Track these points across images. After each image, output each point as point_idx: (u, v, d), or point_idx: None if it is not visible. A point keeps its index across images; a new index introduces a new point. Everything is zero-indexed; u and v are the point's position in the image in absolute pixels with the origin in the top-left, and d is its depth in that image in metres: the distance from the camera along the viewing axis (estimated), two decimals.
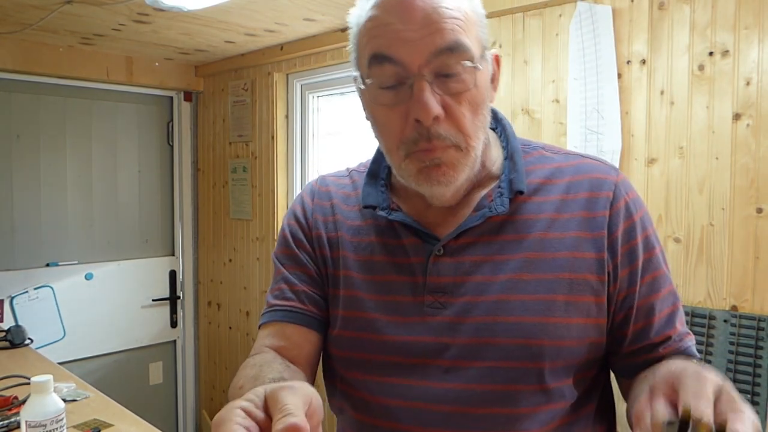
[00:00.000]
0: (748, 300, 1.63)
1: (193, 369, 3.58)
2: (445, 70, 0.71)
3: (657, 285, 0.79)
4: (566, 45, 1.96)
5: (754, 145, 1.61)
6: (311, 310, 0.85)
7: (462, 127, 0.73)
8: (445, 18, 0.70)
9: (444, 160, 0.73)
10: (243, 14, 2.33)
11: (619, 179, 0.80)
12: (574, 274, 0.76)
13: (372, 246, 0.83)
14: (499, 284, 0.76)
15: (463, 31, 0.71)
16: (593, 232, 0.77)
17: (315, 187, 0.94)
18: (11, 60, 2.74)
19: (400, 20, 0.70)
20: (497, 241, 0.78)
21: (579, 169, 0.81)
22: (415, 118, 0.71)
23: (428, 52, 0.69)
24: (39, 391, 1.18)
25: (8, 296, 2.87)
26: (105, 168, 3.21)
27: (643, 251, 0.78)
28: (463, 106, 0.72)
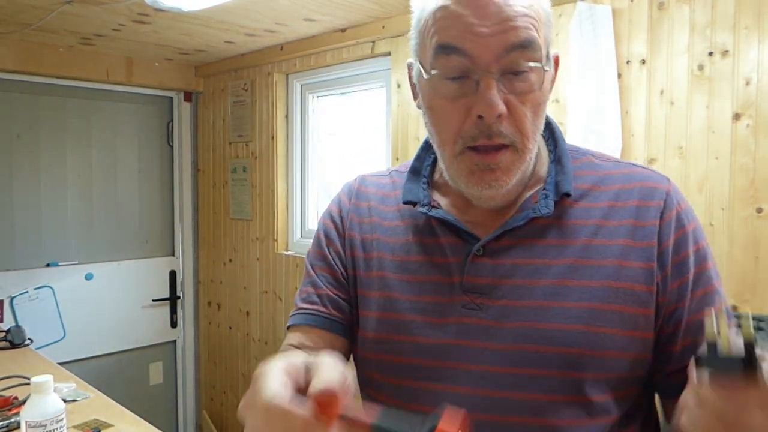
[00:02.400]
0: (748, 300, 1.63)
1: (193, 369, 3.58)
2: (513, 68, 0.69)
3: (709, 300, 0.75)
4: (566, 45, 1.96)
5: (754, 145, 1.61)
6: (335, 315, 0.85)
7: (522, 128, 0.71)
8: (519, 15, 0.68)
9: (500, 164, 0.72)
10: (243, 14, 2.33)
11: (671, 188, 0.78)
12: (620, 283, 0.73)
13: (409, 245, 0.82)
14: (540, 289, 0.74)
15: (535, 30, 0.69)
16: (642, 242, 0.74)
17: (354, 187, 0.92)
18: (11, 60, 2.74)
19: (474, 13, 0.68)
20: (540, 244, 0.76)
21: (629, 177, 0.79)
22: (479, 114, 0.69)
23: (500, 49, 0.68)
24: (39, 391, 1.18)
25: (8, 296, 2.87)
26: (105, 168, 3.21)
27: (695, 264, 0.75)
28: (526, 107, 0.71)
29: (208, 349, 3.52)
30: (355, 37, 2.51)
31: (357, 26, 2.48)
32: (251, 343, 3.19)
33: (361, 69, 2.68)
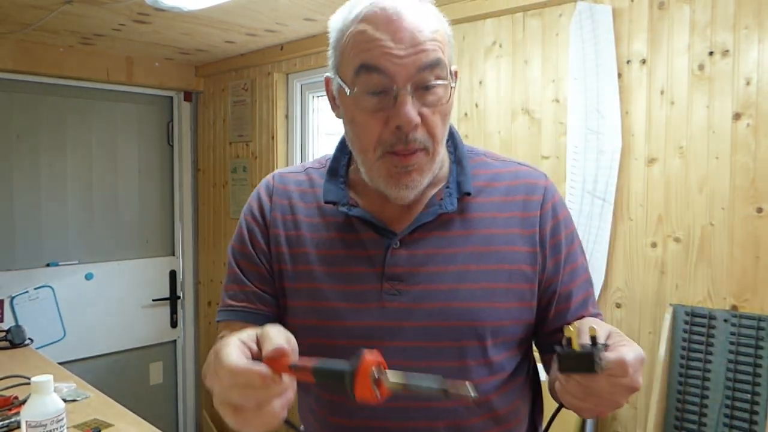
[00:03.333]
0: (748, 300, 1.63)
1: (193, 369, 3.58)
2: (424, 84, 0.81)
3: (575, 274, 0.93)
4: (566, 45, 1.96)
5: (754, 144, 1.61)
6: (261, 309, 0.94)
7: (434, 134, 0.83)
8: (428, 40, 0.80)
9: (415, 166, 0.83)
10: (243, 14, 2.33)
11: (548, 184, 0.95)
12: (512, 265, 0.88)
13: (332, 241, 0.91)
14: (449, 274, 0.87)
15: (441, 52, 0.81)
16: (528, 230, 0.90)
17: (272, 185, 0.99)
18: (11, 60, 2.74)
19: (391, 38, 0.79)
20: (448, 235, 0.89)
21: (516, 175, 0.94)
22: (397, 125, 0.80)
23: (413, 69, 0.79)
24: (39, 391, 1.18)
25: (8, 296, 2.87)
26: (105, 168, 3.21)
27: (566, 245, 0.93)
28: (436, 116, 0.83)
29: (208, 349, 3.50)
30: None
31: None
32: None
33: None
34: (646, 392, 1.82)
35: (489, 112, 2.17)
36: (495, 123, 2.15)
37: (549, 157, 2.01)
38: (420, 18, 0.81)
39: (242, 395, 0.63)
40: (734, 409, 1.61)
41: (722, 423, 1.62)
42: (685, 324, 1.71)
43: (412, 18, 0.80)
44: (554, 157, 2.00)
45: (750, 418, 1.58)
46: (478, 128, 2.20)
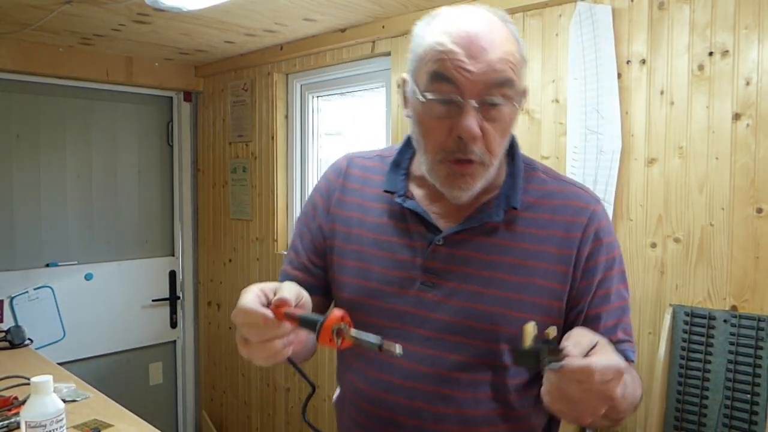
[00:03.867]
0: (748, 300, 1.63)
1: (193, 369, 3.58)
2: (490, 101, 0.86)
3: (608, 299, 0.96)
4: (566, 45, 1.96)
5: (754, 145, 1.61)
6: (309, 280, 1.06)
7: (491, 149, 0.89)
8: (501, 59, 0.86)
9: (469, 173, 0.90)
10: (243, 14, 2.33)
11: (597, 209, 0.98)
12: (543, 281, 0.94)
13: (384, 226, 1.00)
14: (481, 278, 0.94)
15: (513, 72, 0.87)
16: (566, 250, 0.95)
17: (342, 168, 1.09)
18: (11, 60, 2.74)
19: (466, 53, 0.85)
20: (489, 242, 0.95)
21: (567, 196, 0.98)
22: (458, 135, 0.87)
23: (482, 85, 0.85)
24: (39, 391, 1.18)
25: (8, 296, 2.87)
26: (105, 168, 3.21)
27: (603, 269, 0.96)
28: (497, 132, 0.89)
29: (208, 349, 3.52)
30: (355, 37, 2.51)
31: (357, 26, 2.48)
32: None
33: (361, 69, 2.67)
34: (646, 392, 1.81)
35: None
36: None
37: (549, 157, 2.01)
38: (497, 39, 0.86)
39: (249, 331, 0.78)
40: (734, 409, 1.61)
41: (722, 423, 1.62)
42: (685, 324, 1.71)
43: (489, 37, 0.86)
44: (554, 157, 2.00)
45: (750, 418, 1.58)
46: None
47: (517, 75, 0.88)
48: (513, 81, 0.87)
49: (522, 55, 0.90)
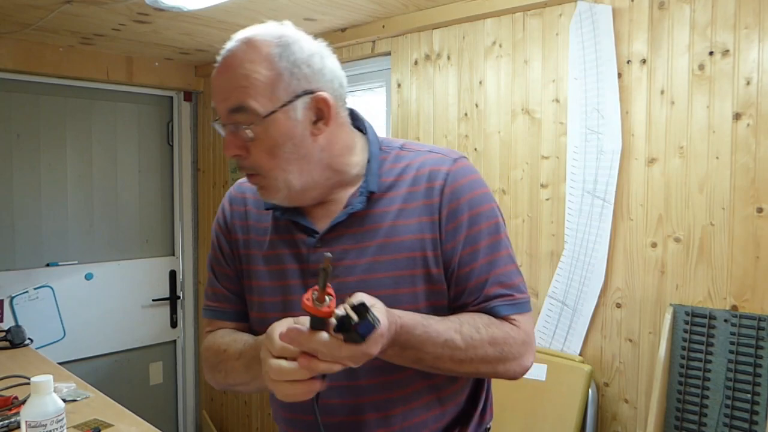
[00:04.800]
0: (748, 300, 1.63)
1: (193, 369, 3.58)
2: (235, 124, 0.94)
3: (476, 255, 0.98)
4: (566, 45, 1.96)
5: (754, 145, 1.61)
6: (229, 308, 1.12)
7: (257, 165, 0.96)
8: (233, 87, 0.93)
9: (260, 185, 0.98)
10: (243, 14, 2.33)
11: (453, 168, 1.00)
12: (418, 252, 0.97)
13: (273, 242, 1.05)
14: (361, 267, 0.97)
15: (249, 97, 0.92)
16: (431, 216, 0.98)
17: (232, 194, 1.14)
18: (11, 60, 2.74)
19: (215, 87, 0.97)
20: (359, 231, 0.98)
21: (423, 164, 1.01)
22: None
23: (224, 112, 0.95)
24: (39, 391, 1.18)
25: (8, 296, 2.87)
26: (105, 168, 3.21)
27: (467, 228, 0.98)
28: (257, 149, 0.94)
29: None
30: (355, 36, 2.51)
31: (357, 26, 2.48)
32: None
33: (361, 69, 2.67)
34: (646, 392, 1.81)
35: (489, 112, 2.17)
36: (495, 123, 2.15)
37: (549, 157, 2.01)
38: (233, 64, 0.94)
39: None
40: (734, 409, 1.60)
41: (722, 423, 1.62)
42: (685, 324, 1.71)
43: (226, 64, 0.95)
44: (554, 157, 2.00)
45: (750, 418, 1.58)
46: (478, 128, 2.20)
47: (258, 97, 0.92)
48: (245, 105, 0.92)
49: (264, 74, 0.92)
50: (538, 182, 2.04)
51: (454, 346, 0.92)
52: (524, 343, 0.98)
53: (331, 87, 0.99)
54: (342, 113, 1.02)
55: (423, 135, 2.37)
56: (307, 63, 0.96)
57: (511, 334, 0.97)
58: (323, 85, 0.97)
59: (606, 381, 1.90)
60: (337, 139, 1.00)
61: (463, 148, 2.25)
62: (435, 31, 2.30)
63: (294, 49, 0.96)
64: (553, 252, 2.01)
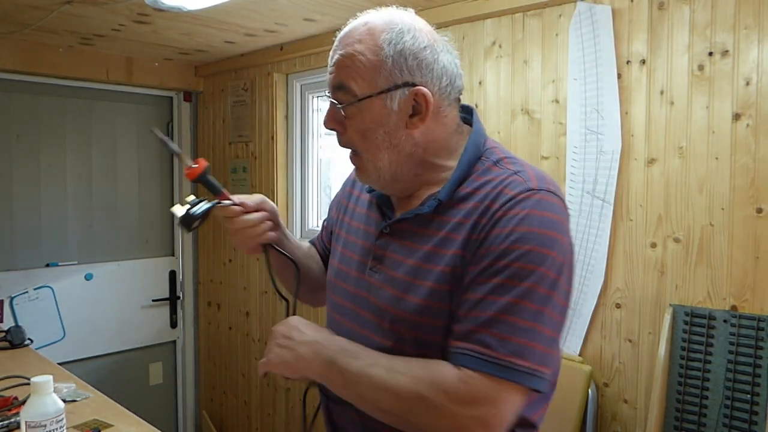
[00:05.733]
0: (748, 300, 1.63)
1: (193, 369, 3.58)
2: (332, 100, 0.98)
3: (479, 290, 0.87)
4: (566, 45, 1.96)
5: (754, 145, 1.61)
6: (320, 250, 1.30)
7: (352, 144, 0.99)
8: (338, 64, 0.97)
9: (354, 164, 1.02)
10: (243, 14, 2.33)
11: (523, 196, 0.89)
12: (452, 268, 0.90)
13: (362, 215, 1.10)
14: (406, 266, 0.96)
15: (350, 77, 0.94)
16: (475, 235, 0.90)
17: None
18: (11, 60, 2.74)
19: (330, 55, 1.00)
20: (420, 232, 0.97)
21: (500, 183, 0.93)
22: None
23: (329, 86, 0.99)
24: (39, 391, 1.18)
25: (8, 296, 2.87)
26: (105, 168, 3.21)
27: (493, 258, 0.87)
28: (351, 129, 0.97)
29: (208, 349, 3.52)
30: None
31: None
32: (251, 344, 3.19)
33: None
34: (646, 392, 1.82)
35: (489, 113, 2.17)
36: (495, 123, 2.15)
37: (549, 157, 2.01)
38: (348, 41, 0.97)
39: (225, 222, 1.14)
40: (734, 409, 1.61)
41: (722, 423, 1.62)
42: (685, 324, 1.71)
43: (341, 40, 0.98)
44: (554, 157, 2.00)
45: (750, 418, 1.58)
46: None
47: (357, 79, 0.94)
48: (345, 85, 0.95)
49: (369, 57, 0.93)
50: None
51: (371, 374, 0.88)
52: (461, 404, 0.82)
53: (437, 84, 0.95)
54: (447, 112, 0.98)
55: None
56: (414, 55, 0.94)
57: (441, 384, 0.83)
58: (428, 81, 0.94)
59: (606, 381, 1.91)
60: (435, 137, 0.98)
61: None
62: None
63: (405, 39, 0.94)
64: None
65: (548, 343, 0.85)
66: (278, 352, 0.97)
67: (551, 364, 0.87)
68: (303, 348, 0.95)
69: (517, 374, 0.83)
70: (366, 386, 0.89)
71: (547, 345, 0.85)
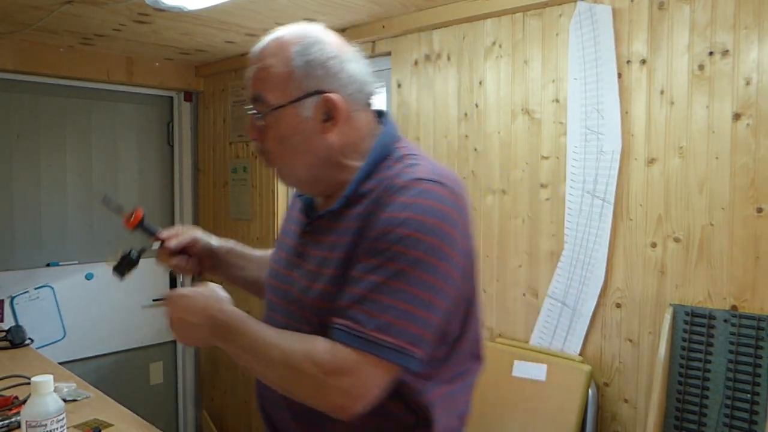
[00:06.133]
0: (748, 300, 1.63)
1: (193, 369, 3.58)
2: (255, 111, 1.04)
3: (357, 283, 0.94)
4: (566, 45, 1.96)
5: (754, 145, 1.61)
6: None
7: (268, 149, 1.05)
8: (252, 78, 1.04)
9: (273, 169, 1.08)
10: (243, 14, 2.33)
11: (404, 184, 0.95)
12: (350, 253, 0.97)
13: (294, 218, 1.17)
14: (317, 259, 1.03)
15: (264, 88, 1.02)
16: (365, 222, 0.97)
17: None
18: (11, 60, 2.74)
19: (247, 71, 1.06)
20: (331, 227, 1.04)
21: (389, 177, 0.99)
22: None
23: (249, 98, 1.05)
24: (39, 391, 1.18)
25: (8, 296, 2.87)
26: (105, 168, 3.21)
27: (373, 256, 0.93)
28: (269, 137, 1.04)
29: (208, 349, 3.52)
30: (355, 37, 2.51)
31: (357, 26, 2.48)
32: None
33: None
34: (646, 392, 1.82)
35: (489, 112, 2.17)
36: (495, 123, 2.15)
37: (549, 157, 2.01)
38: (259, 55, 1.04)
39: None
40: (734, 409, 1.61)
41: (722, 423, 1.62)
42: (685, 324, 1.71)
43: (254, 55, 1.04)
44: (554, 157, 2.00)
45: (750, 418, 1.58)
46: (478, 128, 2.20)
47: (271, 89, 1.01)
48: (259, 97, 1.02)
49: (293, 66, 1.00)
50: (538, 182, 2.04)
51: (257, 337, 0.98)
52: (328, 374, 0.89)
53: (346, 90, 1.02)
54: (358, 116, 1.05)
55: (423, 135, 2.38)
56: (322, 65, 1.01)
57: (313, 356, 0.90)
58: (337, 88, 1.01)
59: (606, 381, 1.91)
60: (348, 140, 1.04)
61: (463, 148, 2.25)
62: (435, 32, 2.30)
63: (313, 50, 1.01)
64: (552, 252, 2.01)
65: (421, 325, 0.90)
66: (182, 332, 1.07)
67: (422, 345, 0.91)
68: (200, 331, 1.04)
69: (380, 349, 0.88)
70: (252, 357, 0.98)
71: (419, 326, 0.90)
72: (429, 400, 0.99)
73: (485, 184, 2.19)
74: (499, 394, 2.02)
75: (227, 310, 1.06)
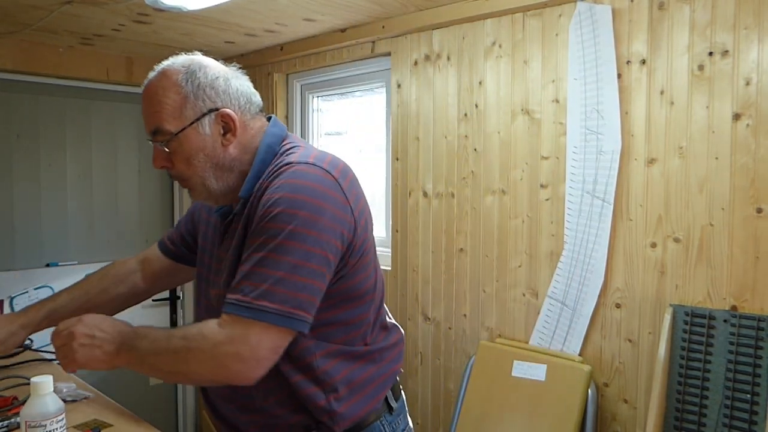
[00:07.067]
0: (748, 300, 1.63)
1: None
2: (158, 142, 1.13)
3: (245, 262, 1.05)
4: (566, 45, 1.96)
5: (754, 145, 1.61)
6: (168, 246, 1.57)
7: (180, 176, 1.15)
8: (148, 114, 1.13)
9: (187, 189, 1.18)
10: (243, 14, 2.33)
11: (282, 170, 1.07)
12: (242, 243, 1.09)
13: (210, 223, 1.27)
14: (228, 259, 1.13)
15: (161, 121, 1.10)
16: (250, 217, 1.09)
17: None
18: (11, 60, 2.74)
19: (141, 108, 1.16)
20: (235, 228, 1.14)
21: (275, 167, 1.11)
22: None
23: (148, 133, 1.14)
24: (38, 391, 1.18)
25: (8, 296, 2.87)
26: (105, 168, 3.21)
27: (256, 236, 1.04)
28: (178, 161, 1.13)
29: None
30: (355, 37, 2.51)
31: (357, 26, 2.48)
32: None
33: (361, 69, 2.68)
34: (646, 392, 1.82)
35: (489, 113, 2.17)
36: (495, 123, 2.15)
37: (549, 157, 2.01)
38: (148, 94, 1.12)
39: None
40: (734, 409, 1.61)
41: (722, 423, 1.62)
42: (685, 324, 1.71)
43: (145, 95, 1.13)
44: (554, 157, 2.00)
45: (750, 418, 1.58)
46: (477, 128, 2.20)
47: (169, 118, 1.10)
48: (158, 129, 1.11)
49: (173, 97, 1.10)
50: (538, 182, 2.04)
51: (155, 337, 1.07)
52: (220, 344, 1.00)
53: (237, 104, 1.14)
54: (252, 124, 1.16)
55: (423, 135, 2.38)
56: (210, 86, 1.12)
57: (204, 332, 1.02)
58: (228, 103, 1.13)
59: (606, 381, 1.91)
60: (246, 148, 1.15)
61: (463, 148, 2.25)
62: (435, 32, 2.30)
63: (198, 75, 1.13)
64: (552, 252, 2.01)
65: (302, 290, 1.00)
66: (85, 352, 1.11)
67: (307, 307, 1.01)
68: (108, 345, 1.09)
69: (264, 314, 0.98)
70: (153, 357, 1.05)
71: (300, 291, 1.00)
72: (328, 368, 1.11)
73: (485, 184, 2.19)
74: (499, 394, 2.02)
75: (128, 328, 1.13)
